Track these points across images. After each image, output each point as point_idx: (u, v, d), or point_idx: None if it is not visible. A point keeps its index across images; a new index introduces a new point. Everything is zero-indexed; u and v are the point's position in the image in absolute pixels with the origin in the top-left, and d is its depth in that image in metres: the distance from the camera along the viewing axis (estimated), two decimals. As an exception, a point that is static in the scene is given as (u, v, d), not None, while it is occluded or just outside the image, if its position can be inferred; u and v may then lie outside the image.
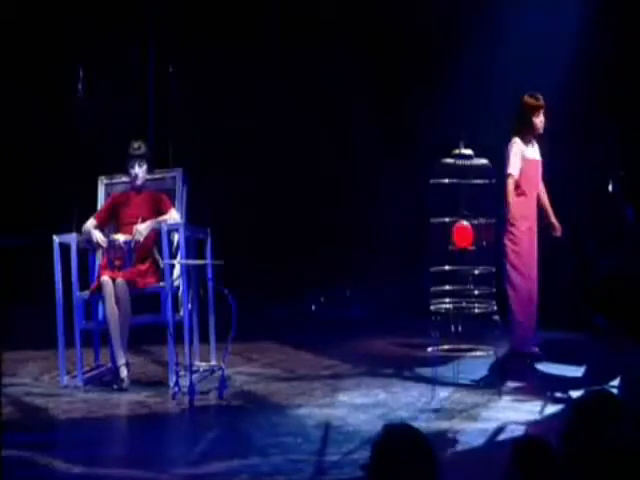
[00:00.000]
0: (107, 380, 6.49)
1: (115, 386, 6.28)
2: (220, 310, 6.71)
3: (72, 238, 6.48)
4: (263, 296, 8.97)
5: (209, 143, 9.67)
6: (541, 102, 7.04)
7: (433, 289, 6.12)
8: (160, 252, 6.54)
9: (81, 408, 5.87)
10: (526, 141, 7.08)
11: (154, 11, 10.13)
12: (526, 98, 7.03)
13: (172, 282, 6.47)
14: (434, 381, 5.99)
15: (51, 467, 4.60)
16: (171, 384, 6.15)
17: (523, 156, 7.03)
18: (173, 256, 6.53)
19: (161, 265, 6.54)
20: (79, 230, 6.66)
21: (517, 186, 7.00)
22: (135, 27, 10.12)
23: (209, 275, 6.67)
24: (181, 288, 6.52)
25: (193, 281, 6.60)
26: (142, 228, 6.55)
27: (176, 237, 6.59)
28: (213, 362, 6.66)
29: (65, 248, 6.43)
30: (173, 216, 6.61)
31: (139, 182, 6.71)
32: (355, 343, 7.97)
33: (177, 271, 6.59)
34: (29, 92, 10.35)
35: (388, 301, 9.02)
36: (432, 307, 6.09)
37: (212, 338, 6.80)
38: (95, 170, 7.14)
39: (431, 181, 6.13)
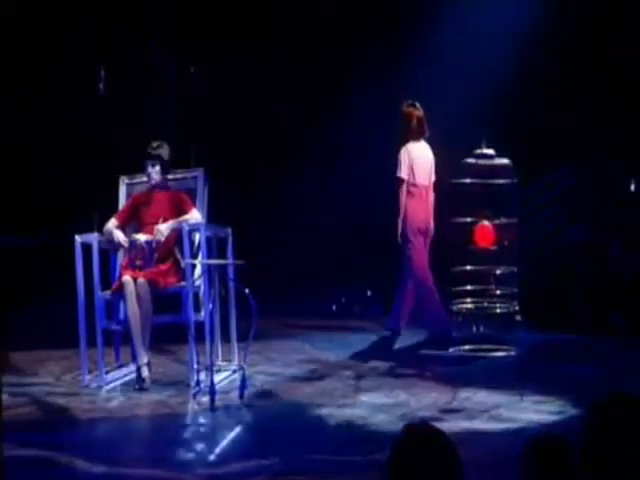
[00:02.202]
0: (128, 380, 6.49)
1: (136, 386, 6.28)
2: (241, 310, 6.71)
3: (94, 238, 6.49)
4: (284, 296, 8.96)
5: (230, 143, 9.67)
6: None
7: (455, 289, 6.09)
8: (181, 252, 6.54)
9: (102, 408, 5.89)
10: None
11: (176, 11, 10.15)
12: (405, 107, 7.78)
13: (193, 282, 6.47)
14: (455, 381, 5.96)
15: (72, 467, 4.61)
16: (192, 384, 6.15)
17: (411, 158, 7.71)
18: (194, 256, 6.53)
19: (182, 265, 6.54)
20: (100, 230, 6.67)
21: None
22: (157, 27, 10.14)
23: (230, 275, 6.67)
24: (202, 288, 6.51)
25: (214, 281, 6.60)
26: (163, 228, 6.55)
27: (197, 237, 6.59)
28: (234, 362, 6.66)
29: (87, 248, 6.44)
30: (194, 216, 6.61)
31: (152, 182, 6.71)
32: (375, 343, 7.94)
33: (198, 271, 6.59)
34: (51, 92, 10.39)
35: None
36: (454, 307, 6.07)
37: (233, 338, 6.79)
38: (116, 170, 7.15)
39: (452, 181, 6.10)
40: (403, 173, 7.76)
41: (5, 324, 5.44)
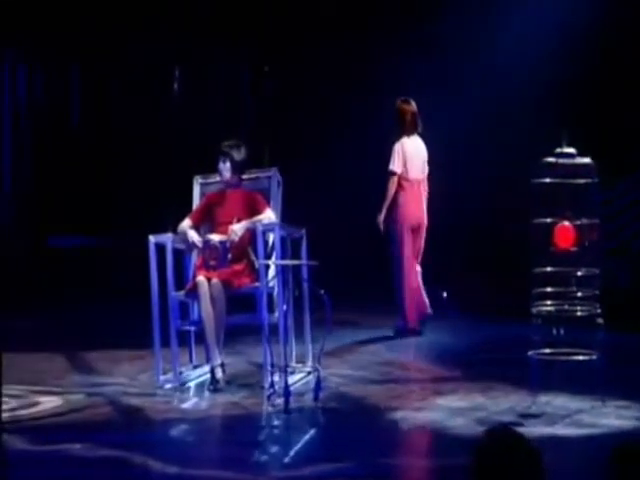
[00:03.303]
0: (202, 381, 6.47)
1: (210, 387, 6.25)
2: (315, 311, 6.65)
3: (168, 238, 6.48)
4: (359, 297, 8.89)
5: (304, 142, 9.64)
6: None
7: (535, 291, 5.95)
8: (255, 252, 6.50)
9: (177, 408, 5.87)
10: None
11: (249, 11, 10.14)
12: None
13: (267, 282, 6.42)
14: (535, 385, 5.82)
15: (146, 467, 4.58)
16: (266, 385, 6.09)
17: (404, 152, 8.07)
18: (268, 256, 6.49)
19: (256, 265, 6.50)
20: (175, 230, 6.65)
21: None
22: (231, 27, 10.15)
23: (304, 275, 6.61)
24: (276, 288, 6.46)
25: (288, 281, 6.55)
26: (237, 228, 6.51)
27: (271, 237, 6.55)
28: (308, 363, 6.60)
29: (161, 248, 6.43)
30: (268, 216, 6.56)
31: (224, 179, 6.68)
32: (451, 345, 7.83)
33: (272, 271, 6.54)
34: (125, 92, 10.46)
35: (486, 303, 8.86)
36: (533, 309, 5.92)
37: (307, 339, 6.73)
38: (190, 170, 7.14)
39: (533, 181, 5.97)
40: (396, 167, 8.02)
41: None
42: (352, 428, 5.46)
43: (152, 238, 6.43)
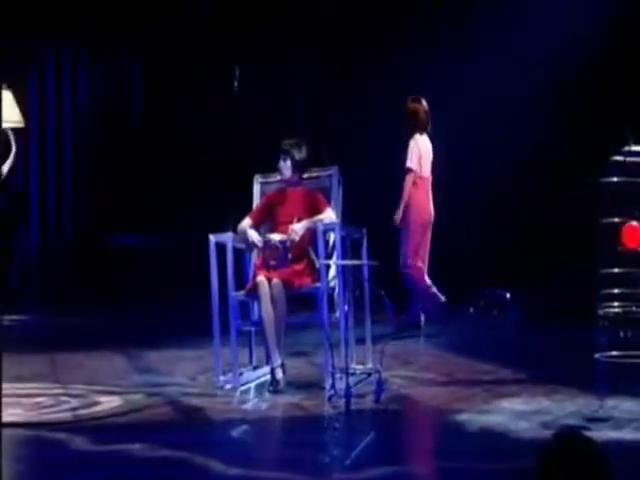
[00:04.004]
0: (262, 381, 6.43)
1: (270, 388, 6.21)
2: (376, 311, 6.59)
3: (228, 238, 6.45)
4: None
5: (365, 141, 9.59)
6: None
7: (602, 292, 5.83)
8: (316, 252, 6.45)
9: (237, 409, 5.83)
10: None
11: (306, 10, 10.12)
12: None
13: (328, 282, 6.36)
14: (601, 389, 5.70)
15: (207, 468, 4.54)
16: (327, 387, 6.04)
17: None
18: (329, 256, 6.43)
19: (317, 265, 6.45)
20: (235, 230, 6.63)
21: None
22: (287, 26, 10.13)
23: (365, 276, 6.55)
24: (337, 289, 6.41)
25: (349, 281, 6.49)
26: (298, 227, 6.47)
27: (332, 237, 6.49)
28: (369, 365, 6.54)
29: (221, 248, 6.41)
30: (329, 215, 6.51)
31: (284, 178, 6.65)
32: (515, 348, 7.73)
33: (333, 271, 6.49)
34: (185, 92, 10.48)
35: (550, 304, 8.73)
36: (600, 311, 5.81)
37: (368, 340, 6.67)
38: (250, 169, 7.12)
39: (602, 180, 5.85)
40: (413, 164, 8.26)
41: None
42: (414, 430, 5.40)
43: (212, 237, 6.41)
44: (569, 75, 9.43)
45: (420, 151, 8.34)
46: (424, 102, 8.37)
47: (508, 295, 9.16)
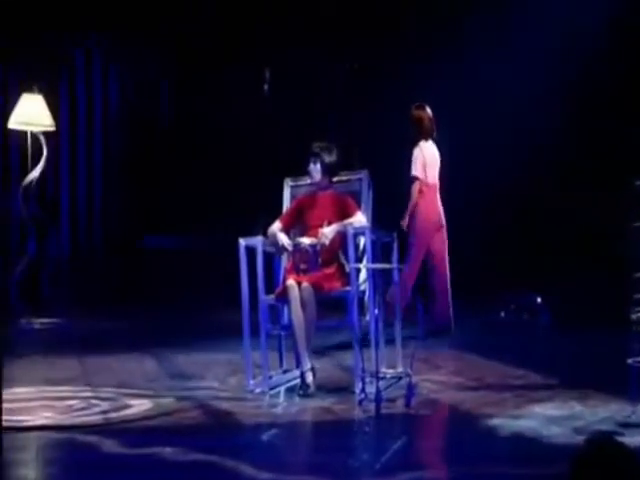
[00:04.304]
0: (292, 385, 6.42)
1: (300, 391, 6.20)
2: (406, 316, 6.57)
3: (258, 241, 6.45)
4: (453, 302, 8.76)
5: (395, 144, 9.57)
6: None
7: (635, 297, 5.78)
8: (346, 255, 6.43)
9: (267, 413, 5.82)
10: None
11: (334, 10, 10.12)
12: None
13: (358, 286, 6.35)
14: (634, 394, 5.64)
15: (238, 472, 4.53)
16: (357, 390, 6.02)
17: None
18: (359, 260, 6.42)
19: (347, 269, 6.43)
20: (265, 233, 6.63)
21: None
22: (318, 26, 10.13)
23: (395, 280, 6.53)
24: (367, 293, 6.39)
25: (379, 285, 6.47)
26: (328, 231, 6.46)
27: (362, 240, 6.48)
28: (399, 369, 6.51)
29: (251, 251, 6.41)
30: (359, 219, 6.49)
31: (314, 181, 6.64)
32: (547, 352, 7.68)
33: (363, 275, 6.47)
34: (215, 93, 10.48)
35: (582, 309, 8.67)
36: (633, 316, 5.75)
37: (398, 344, 6.65)
38: (280, 172, 7.12)
39: (637, 182, 5.80)
40: (418, 172, 8.32)
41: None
42: (445, 435, 5.37)
43: (242, 241, 6.41)
44: (593, 74, 9.38)
45: (425, 158, 8.40)
46: (428, 109, 8.45)
47: (539, 299, 9.11)
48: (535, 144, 9.55)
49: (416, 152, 8.42)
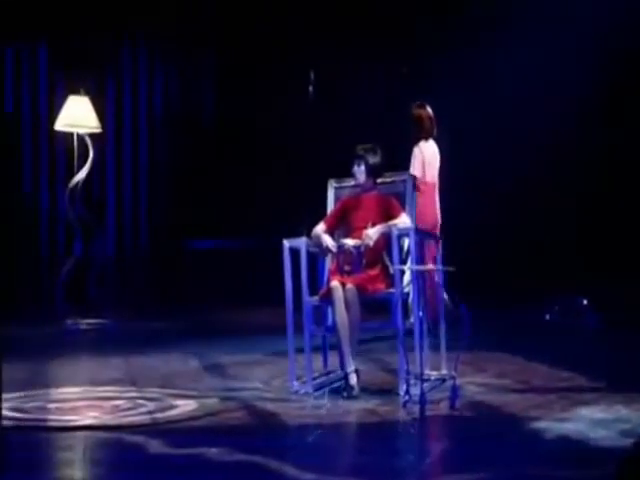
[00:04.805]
0: (336, 387, 6.42)
1: (344, 393, 6.20)
2: (450, 318, 6.54)
3: (302, 243, 6.46)
4: (495, 304, 8.74)
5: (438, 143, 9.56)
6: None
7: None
8: (390, 257, 6.42)
9: (311, 414, 5.82)
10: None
11: (378, 12, 10.11)
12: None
13: (402, 288, 6.34)
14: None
15: (282, 473, 4.54)
16: (401, 392, 6.01)
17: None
18: (403, 261, 6.40)
19: (391, 270, 6.42)
20: (309, 235, 6.64)
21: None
22: (363, 28, 10.13)
23: (440, 281, 6.50)
24: (411, 294, 6.38)
25: (423, 287, 6.45)
26: (372, 232, 6.45)
27: (406, 242, 6.46)
28: (444, 371, 6.49)
29: (295, 253, 6.42)
30: (403, 220, 6.48)
31: (358, 183, 6.64)
32: (592, 355, 7.62)
33: (407, 277, 6.45)
34: (264, 95, 10.52)
35: (629, 312, 8.60)
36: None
37: (442, 346, 6.63)
38: (325, 173, 7.12)
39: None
40: (417, 171, 8.38)
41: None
42: (490, 438, 5.33)
43: (286, 242, 6.42)
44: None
45: (424, 157, 8.48)
46: (428, 108, 8.55)
47: (585, 301, 9.04)
48: (581, 144, 9.48)
49: (416, 151, 8.52)
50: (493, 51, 9.93)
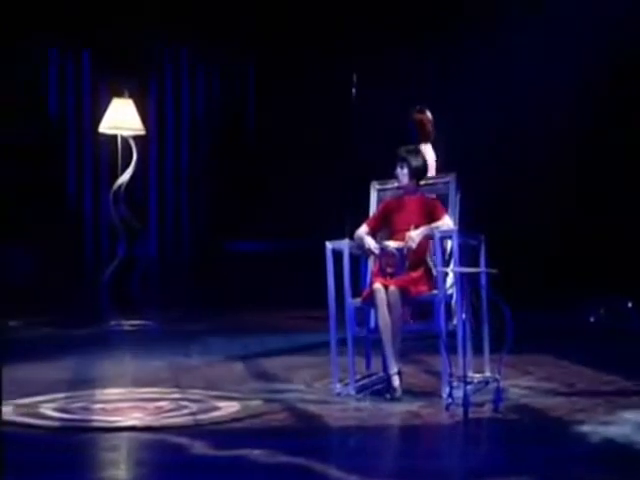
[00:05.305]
0: (379, 389, 6.41)
1: (387, 395, 6.18)
2: (494, 320, 6.50)
3: (345, 245, 6.45)
4: (538, 306, 8.68)
5: (481, 146, 9.52)
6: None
7: None
8: (433, 259, 6.40)
9: (354, 416, 5.81)
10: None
11: (419, 12, 10.10)
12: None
13: (445, 290, 6.31)
14: None
15: (326, 475, 4.54)
16: (444, 395, 5.99)
17: None
18: (446, 263, 6.38)
19: (434, 272, 6.40)
20: (352, 237, 6.63)
21: None
22: (405, 30, 10.11)
23: (483, 283, 6.47)
24: (454, 297, 6.35)
25: (467, 289, 6.42)
26: (414, 235, 6.43)
27: (449, 244, 6.44)
28: (487, 373, 6.46)
29: (338, 255, 6.41)
30: (446, 222, 6.45)
31: (401, 185, 6.63)
32: (638, 358, 7.54)
33: (450, 279, 6.43)
34: (305, 97, 10.53)
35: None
36: None
37: (486, 349, 6.58)
38: (367, 175, 7.11)
39: None
40: None
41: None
42: (534, 441, 5.29)
43: (329, 244, 6.42)
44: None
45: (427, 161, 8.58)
46: (428, 112, 8.69)
47: (630, 304, 8.96)
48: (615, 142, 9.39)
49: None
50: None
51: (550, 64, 9.95)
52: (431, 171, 8.51)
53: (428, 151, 8.68)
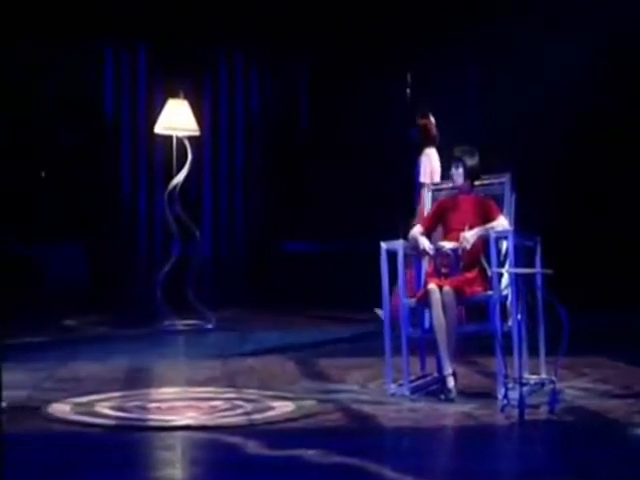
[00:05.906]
0: (433, 390, 6.38)
1: (442, 396, 6.15)
2: (550, 321, 6.44)
3: (399, 245, 6.43)
4: (595, 307, 8.58)
5: (539, 148, 9.45)
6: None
7: None
8: (488, 260, 6.36)
9: (408, 417, 5.80)
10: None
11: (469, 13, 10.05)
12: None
13: (500, 291, 6.26)
14: None
15: (381, 475, 4.53)
16: (499, 396, 5.95)
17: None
18: (501, 264, 6.33)
19: (489, 273, 6.36)
20: (406, 237, 6.61)
21: None
22: (459, 29, 10.07)
23: (538, 284, 6.41)
24: (509, 298, 6.30)
25: (522, 290, 6.37)
26: (469, 235, 6.39)
27: (504, 245, 6.39)
28: (542, 375, 6.40)
29: (392, 255, 6.39)
30: (501, 223, 6.41)
31: (456, 185, 6.60)
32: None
33: (505, 280, 6.38)
34: (359, 97, 10.52)
35: None
36: None
37: (541, 350, 6.52)
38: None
39: None
40: (427, 178, 8.59)
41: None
42: (590, 443, 5.24)
43: (384, 245, 6.41)
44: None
45: (432, 166, 8.74)
46: (431, 117, 8.89)
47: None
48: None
49: (424, 159, 8.83)
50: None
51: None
52: (435, 176, 8.57)
53: (433, 155, 8.84)
